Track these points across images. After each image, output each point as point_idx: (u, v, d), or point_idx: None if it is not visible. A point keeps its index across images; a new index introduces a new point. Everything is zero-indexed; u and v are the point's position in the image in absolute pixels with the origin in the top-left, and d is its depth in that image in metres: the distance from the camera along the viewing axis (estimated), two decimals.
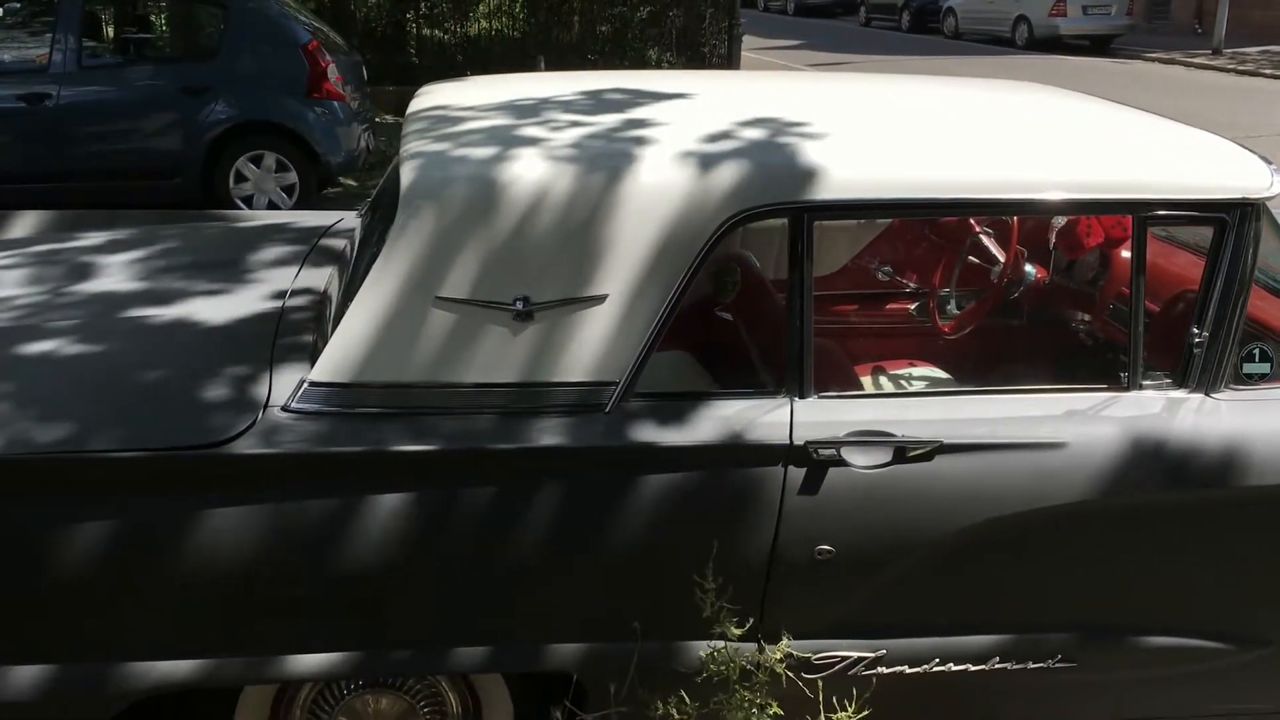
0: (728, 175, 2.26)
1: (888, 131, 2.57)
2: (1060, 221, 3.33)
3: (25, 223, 3.52)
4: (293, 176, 8.01)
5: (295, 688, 2.38)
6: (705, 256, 2.26)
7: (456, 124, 2.56)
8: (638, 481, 2.22)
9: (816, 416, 2.27)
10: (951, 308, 3.62)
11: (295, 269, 2.99)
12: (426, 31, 13.21)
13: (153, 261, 3.08)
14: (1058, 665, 2.37)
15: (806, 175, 2.27)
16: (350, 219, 3.50)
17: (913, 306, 3.82)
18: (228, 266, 3.02)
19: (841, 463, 2.24)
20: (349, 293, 2.57)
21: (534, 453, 2.19)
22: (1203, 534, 2.36)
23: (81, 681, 2.16)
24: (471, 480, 2.20)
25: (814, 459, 2.23)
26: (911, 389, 3.24)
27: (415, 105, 2.85)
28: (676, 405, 2.28)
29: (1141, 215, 2.35)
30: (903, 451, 2.25)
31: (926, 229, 3.72)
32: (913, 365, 3.48)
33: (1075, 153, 2.47)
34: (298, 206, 8.04)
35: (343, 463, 2.16)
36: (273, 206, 8.00)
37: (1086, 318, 3.31)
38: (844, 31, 27.31)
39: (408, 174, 2.27)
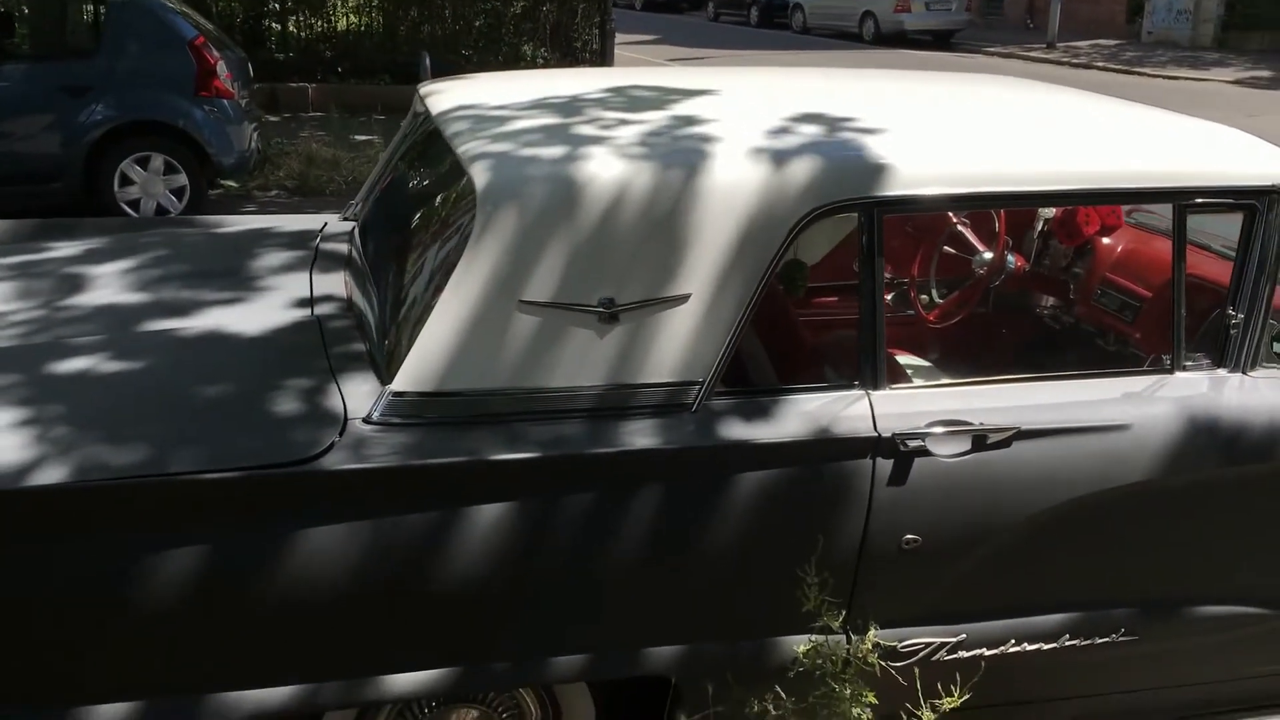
0: (803, 171, 2.26)
1: (937, 127, 2.62)
2: (1049, 212, 3.46)
3: None
4: (182, 179, 7.68)
5: (376, 708, 2.30)
6: (784, 252, 2.27)
7: (503, 124, 2.50)
8: (730, 480, 2.21)
9: (895, 408, 2.31)
10: (929, 298, 3.70)
11: (305, 275, 2.87)
12: (292, 29, 12.81)
13: (146, 271, 2.92)
14: (1122, 639, 2.47)
15: (879, 171, 2.29)
16: (335, 223, 3.38)
17: (889, 296, 3.90)
18: (230, 275, 2.89)
19: (926, 453, 2.28)
20: (389, 300, 2.50)
21: (631, 455, 2.16)
22: (1249, 505, 2.49)
23: (172, 716, 2.04)
24: (567, 486, 2.16)
25: (901, 450, 2.27)
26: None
27: (440, 104, 2.76)
28: (757, 402, 2.29)
29: (1181, 204, 2.46)
30: (982, 439, 2.31)
31: (905, 222, 3.80)
32: (893, 354, 3.56)
33: (1117, 145, 2.56)
34: (188, 210, 7.71)
35: (440, 474, 2.09)
36: (161, 211, 7.65)
37: (1072, 303, 3.44)
38: (694, 26, 27.62)
39: (481, 175, 2.21)
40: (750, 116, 2.58)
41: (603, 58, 13.41)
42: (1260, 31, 21.91)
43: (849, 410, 2.28)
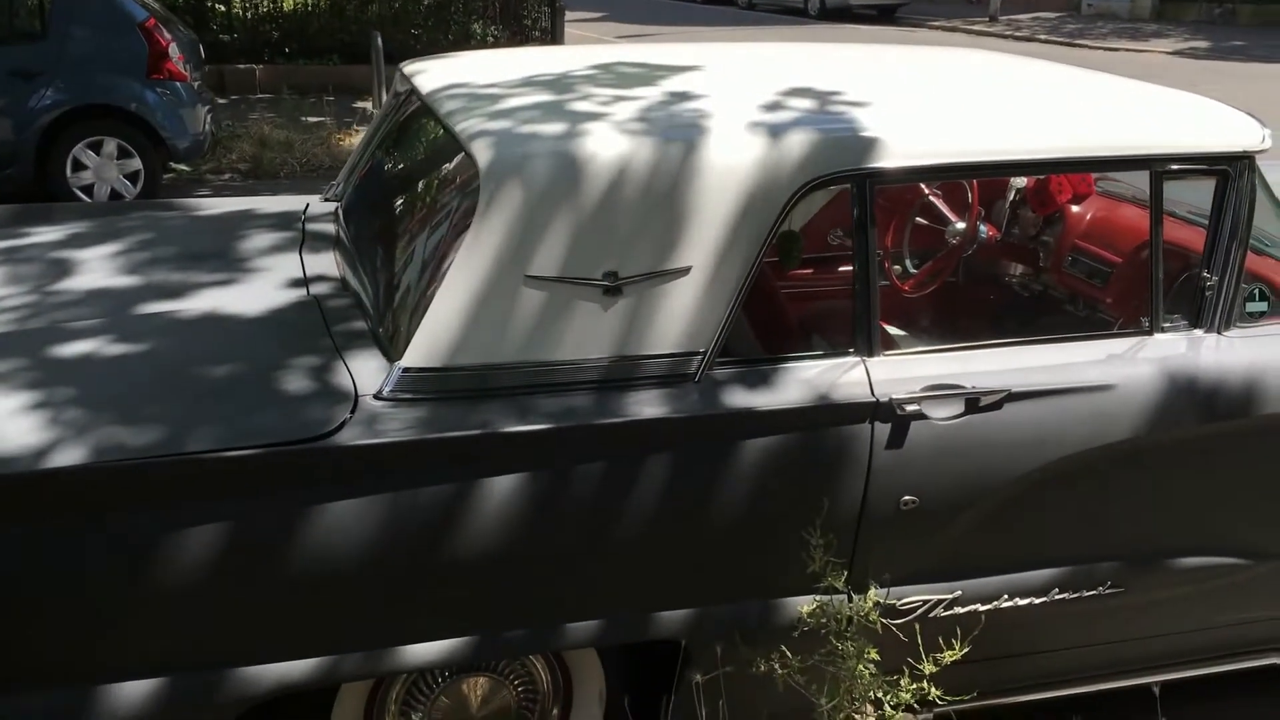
0: (798, 144, 2.31)
1: (923, 99, 2.69)
2: (1021, 181, 3.54)
3: None
4: (136, 163, 7.59)
5: (391, 679, 2.34)
6: (780, 224, 2.32)
7: (497, 101, 2.52)
8: (734, 447, 2.27)
9: (890, 374, 2.37)
10: (901, 269, 3.77)
11: (295, 256, 2.89)
12: (237, 9, 12.63)
13: (135, 254, 2.91)
14: (1108, 591, 2.56)
15: (872, 143, 2.35)
16: (317, 204, 3.39)
17: None
18: (219, 257, 2.89)
19: (921, 416, 2.35)
20: (389, 279, 2.52)
21: (637, 425, 2.21)
22: (1227, 460, 2.59)
23: (196, 691, 2.06)
24: (576, 456, 2.20)
25: (898, 414, 2.33)
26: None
27: (429, 83, 2.78)
28: (757, 370, 2.34)
29: (1158, 170, 2.54)
30: (974, 402, 2.38)
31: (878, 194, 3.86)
32: None
33: (1097, 114, 2.64)
34: (144, 194, 7.63)
35: (452, 448, 2.13)
36: (116, 195, 7.57)
37: (1046, 269, 3.53)
38: (640, 3, 27.48)
39: (483, 153, 2.24)
40: (740, 91, 2.63)
41: (553, 35, 13.37)
42: (1197, 3, 22.28)
43: (846, 376, 2.35)
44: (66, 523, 1.98)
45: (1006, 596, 2.50)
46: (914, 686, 2.28)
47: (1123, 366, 2.49)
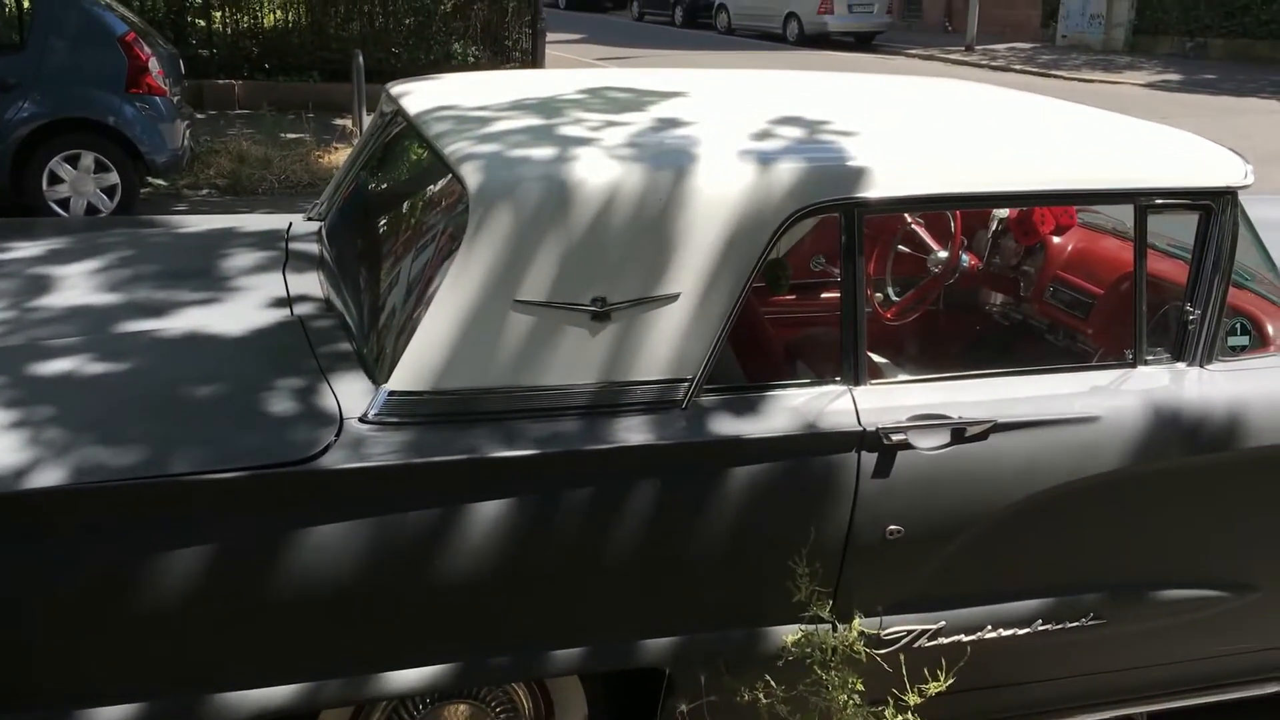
0: (787, 173, 2.32)
1: (910, 130, 2.70)
2: (1003, 212, 3.56)
3: None
4: (113, 177, 7.54)
5: (372, 706, 2.31)
6: (768, 252, 2.33)
7: (486, 125, 2.52)
8: (720, 474, 2.26)
9: (876, 403, 2.37)
10: (883, 296, 3.78)
11: (278, 275, 2.87)
12: (218, 26, 12.60)
13: (116, 271, 2.89)
14: (1090, 623, 2.56)
15: (860, 173, 2.36)
16: (300, 223, 3.37)
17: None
18: (202, 275, 2.87)
19: (908, 446, 2.35)
20: (375, 301, 2.51)
21: (624, 452, 2.19)
22: (1209, 493, 2.60)
23: (176, 717, 2.03)
24: (562, 482, 2.19)
25: (884, 443, 2.33)
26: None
27: (416, 105, 2.77)
28: (745, 398, 2.34)
29: (1142, 204, 2.56)
30: (960, 432, 2.38)
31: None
32: None
33: (1082, 148, 2.66)
34: (120, 209, 7.58)
35: (438, 472, 2.11)
36: (92, 210, 7.51)
37: (1028, 300, 3.55)
38: (619, 26, 27.67)
39: (473, 176, 2.23)
40: (729, 118, 2.64)
41: (534, 57, 13.40)
42: (1169, 36, 22.57)
43: (833, 405, 2.35)
44: (44, 545, 1.95)
45: (991, 627, 2.50)
46: (899, 717, 2.27)
47: (1107, 398, 2.50)
